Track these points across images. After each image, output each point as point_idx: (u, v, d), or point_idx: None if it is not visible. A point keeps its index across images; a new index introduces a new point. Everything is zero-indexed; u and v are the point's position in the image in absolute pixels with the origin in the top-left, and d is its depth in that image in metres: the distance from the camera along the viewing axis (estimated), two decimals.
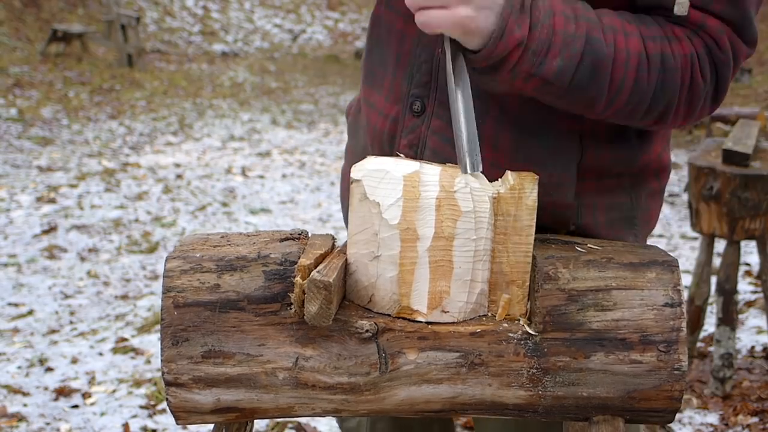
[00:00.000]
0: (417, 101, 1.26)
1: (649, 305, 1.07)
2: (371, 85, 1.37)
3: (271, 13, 18.63)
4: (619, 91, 1.09)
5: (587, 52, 1.06)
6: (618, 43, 1.07)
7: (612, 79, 1.08)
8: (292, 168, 7.59)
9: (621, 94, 1.09)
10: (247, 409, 1.11)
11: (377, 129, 1.32)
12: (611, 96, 1.09)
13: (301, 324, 1.06)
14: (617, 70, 1.07)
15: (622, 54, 1.07)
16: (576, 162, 1.21)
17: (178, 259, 1.11)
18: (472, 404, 1.09)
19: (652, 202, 1.32)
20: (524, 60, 1.04)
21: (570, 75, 1.06)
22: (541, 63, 1.05)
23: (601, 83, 1.08)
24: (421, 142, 1.26)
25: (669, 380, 1.06)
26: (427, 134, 1.25)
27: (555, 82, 1.06)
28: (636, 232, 1.29)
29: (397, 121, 1.29)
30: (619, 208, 1.27)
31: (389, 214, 1.05)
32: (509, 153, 1.20)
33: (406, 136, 1.27)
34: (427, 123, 1.25)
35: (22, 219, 5.73)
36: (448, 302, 1.07)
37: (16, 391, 3.32)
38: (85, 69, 12.51)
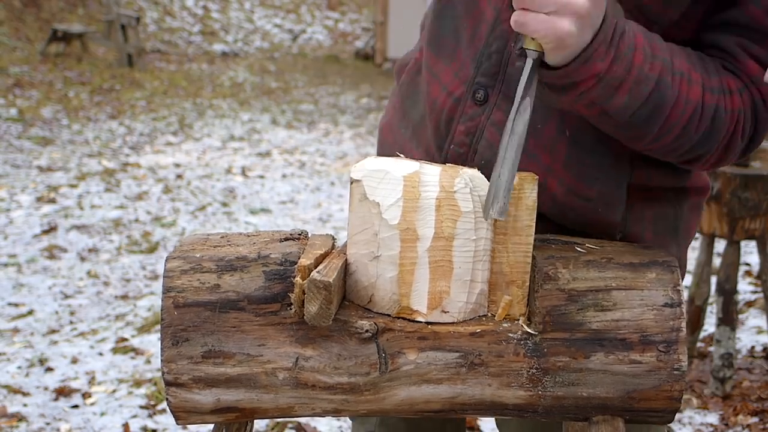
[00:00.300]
0: (481, 90, 1.23)
1: (649, 305, 1.07)
2: (437, 53, 1.31)
3: (271, 13, 18.63)
4: (668, 133, 1.09)
5: (654, 95, 1.05)
6: (681, 90, 1.07)
7: (666, 121, 1.08)
8: (292, 168, 7.59)
9: (668, 136, 1.09)
10: (247, 409, 1.11)
11: (437, 104, 1.28)
12: (659, 135, 1.09)
13: (301, 324, 1.07)
14: (674, 114, 1.08)
15: (682, 100, 1.07)
16: (627, 182, 1.21)
17: (179, 259, 1.11)
18: (472, 404, 1.09)
19: (693, 215, 1.33)
20: (595, 89, 1.03)
21: (631, 112, 1.06)
22: (609, 96, 1.04)
23: (656, 124, 1.08)
24: (479, 131, 1.23)
25: (669, 380, 1.06)
26: (486, 125, 1.23)
27: (615, 116, 1.06)
28: (679, 242, 1.30)
29: (458, 104, 1.25)
30: (665, 218, 1.27)
31: (389, 214, 1.05)
32: (563, 161, 1.20)
33: (465, 122, 1.25)
34: (488, 113, 1.22)
35: (22, 219, 5.73)
36: (447, 302, 1.07)
37: (16, 391, 3.32)
38: (85, 69, 12.51)
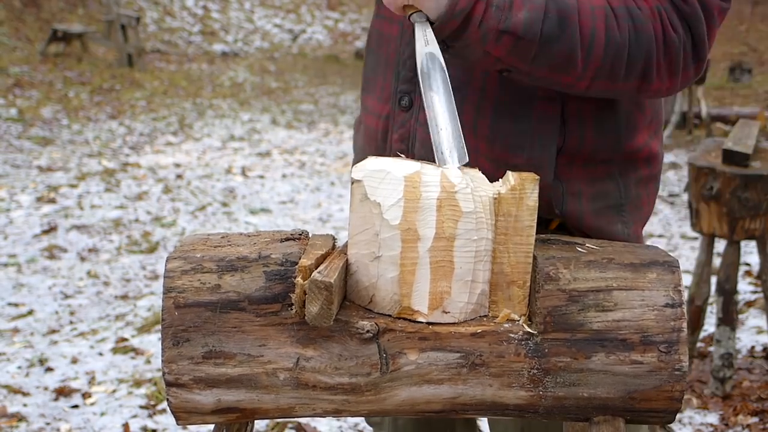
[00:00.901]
0: (405, 96, 1.30)
1: (650, 306, 1.07)
2: (367, 92, 1.42)
3: (271, 13, 18.62)
4: (593, 44, 1.10)
5: (550, 3, 1.08)
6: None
7: (582, 30, 1.09)
8: (292, 168, 7.59)
9: (595, 46, 1.10)
10: (248, 409, 1.10)
11: (372, 129, 1.37)
12: (586, 49, 1.10)
13: (302, 324, 1.06)
14: (585, 20, 1.09)
15: (585, 7, 1.10)
16: (555, 144, 1.22)
17: (179, 259, 1.11)
18: (473, 405, 1.09)
19: (643, 189, 1.32)
20: (489, 15, 1.07)
21: (538, 26, 1.08)
22: (507, 17, 1.07)
23: (572, 35, 1.09)
24: (411, 135, 1.31)
25: (669, 381, 1.06)
26: (416, 127, 1.30)
27: (525, 36, 1.08)
28: (625, 220, 1.29)
29: (389, 119, 1.34)
30: (606, 196, 1.27)
31: (390, 214, 1.05)
32: (488, 138, 1.23)
33: (397, 130, 1.33)
34: (416, 116, 1.29)
35: (22, 219, 5.73)
36: (449, 303, 1.07)
37: (16, 391, 3.32)
38: (85, 69, 12.50)
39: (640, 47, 1.11)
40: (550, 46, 1.09)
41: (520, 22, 1.07)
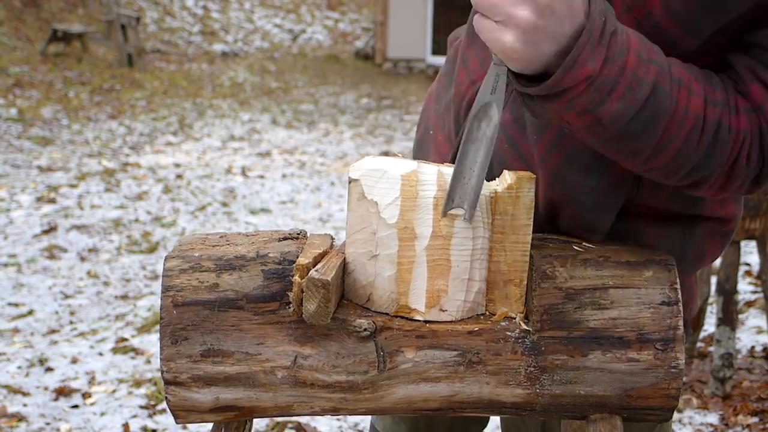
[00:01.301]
0: None
1: (646, 303, 1.07)
2: (471, 38, 1.29)
3: (271, 13, 18.63)
4: (665, 149, 1.00)
5: (651, 102, 0.96)
6: (680, 99, 0.98)
7: (664, 134, 0.99)
8: (292, 168, 7.59)
9: (666, 152, 1.00)
10: (246, 407, 1.11)
11: (461, 90, 1.28)
12: (657, 151, 1.00)
13: (300, 323, 1.07)
14: (672, 127, 0.98)
15: (680, 111, 0.98)
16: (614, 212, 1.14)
17: (177, 258, 1.11)
18: (470, 402, 1.10)
19: (710, 244, 1.23)
20: (586, 95, 0.94)
21: (626, 121, 0.97)
22: (601, 102, 0.94)
23: (651, 139, 0.99)
24: None
25: (666, 378, 1.07)
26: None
27: (608, 125, 0.97)
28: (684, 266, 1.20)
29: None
30: (670, 242, 1.19)
31: (387, 213, 1.05)
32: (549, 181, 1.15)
33: None
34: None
35: (22, 219, 5.74)
36: (446, 301, 1.08)
37: (16, 391, 3.33)
38: (85, 69, 12.51)
39: (709, 165, 1.02)
40: (625, 140, 0.99)
41: (612, 112, 0.96)
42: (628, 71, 0.94)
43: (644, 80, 0.95)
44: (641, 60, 0.95)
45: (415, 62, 15.46)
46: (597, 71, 0.92)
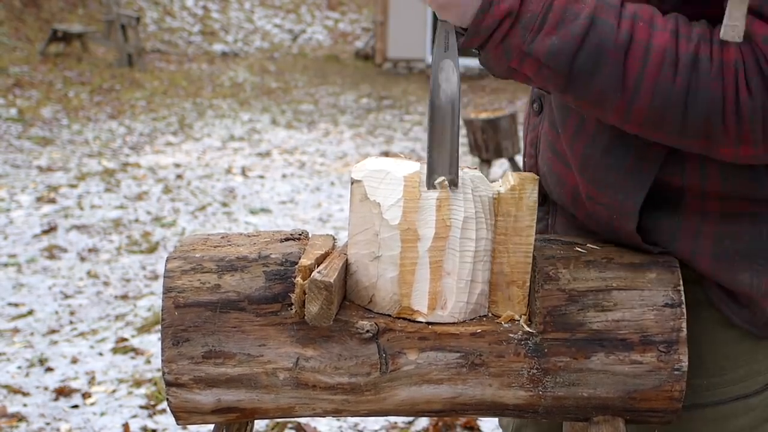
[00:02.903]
0: (536, 100, 1.24)
1: (650, 305, 1.06)
2: None
3: (271, 13, 18.62)
4: (637, 90, 0.96)
5: (591, 36, 0.94)
6: (637, 33, 0.95)
7: (626, 73, 0.95)
8: (292, 168, 7.59)
9: (640, 94, 0.96)
10: (248, 409, 1.11)
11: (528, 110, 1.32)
12: (628, 95, 0.96)
13: (302, 324, 1.06)
14: (632, 62, 0.95)
15: (639, 46, 0.94)
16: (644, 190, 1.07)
17: (179, 259, 1.11)
18: (473, 404, 1.09)
19: None
20: (514, 34, 0.96)
21: (567, 58, 0.95)
22: (532, 40, 0.95)
23: (611, 76, 0.95)
24: (538, 140, 1.24)
25: (669, 380, 1.06)
26: (542, 134, 1.23)
27: (550, 64, 0.96)
28: (758, 269, 1.08)
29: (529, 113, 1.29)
30: (736, 238, 1.08)
31: (390, 214, 1.05)
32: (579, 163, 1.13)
33: (529, 133, 1.28)
34: (544, 123, 1.22)
35: (22, 219, 5.73)
36: (448, 302, 1.07)
37: (16, 391, 3.32)
38: (85, 69, 12.51)
39: (698, 105, 0.95)
40: (582, 80, 0.97)
41: (545, 48, 0.95)
42: (557, 6, 0.95)
43: (580, 15, 0.95)
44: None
45: (415, 62, 15.46)
46: (516, 8, 0.95)
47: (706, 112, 0.95)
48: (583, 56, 0.95)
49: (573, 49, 0.95)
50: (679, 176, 1.08)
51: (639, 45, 0.95)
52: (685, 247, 1.09)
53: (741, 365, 1.13)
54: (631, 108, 0.97)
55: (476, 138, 6.39)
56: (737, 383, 1.13)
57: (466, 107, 11.15)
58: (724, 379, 1.13)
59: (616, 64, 0.95)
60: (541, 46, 0.96)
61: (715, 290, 1.11)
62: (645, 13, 0.97)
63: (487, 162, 6.43)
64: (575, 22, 0.95)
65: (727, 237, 1.08)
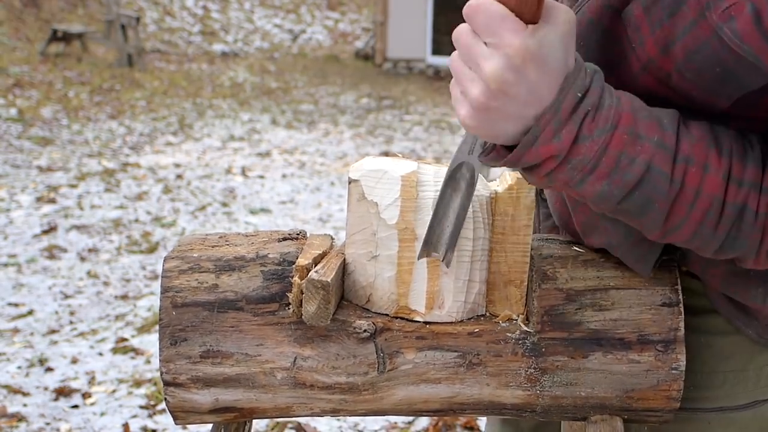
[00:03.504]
0: None
1: (647, 305, 1.06)
2: None
3: (271, 13, 18.62)
4: (677, 230, 0.93)
5: (645, 183, 0.89)
6: (688, 180, 0.90)
7: (670, 217, 0.91)
8: (292, 168, 7.59)
9: (680, 232, 0.93)
10: (246, 408, 1.11)
11: None
12: (666, 231, 0.93)
13: (300, 324, 1.07)
14: (678, 209, 0.91)
15: (689, 193, 0.90)
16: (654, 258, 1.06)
17: (177, 259, 1.11)
18: (470, 404, 1.09)
19: None
20: (562, 171, 0.89)
21: (615, 201, 0.90)
22: (582, 180, 0.89)
23: (655, 219, 0.92)
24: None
25: (667, 380, 1.06)
26: None
27: (596, 204, 0.92)
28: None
29: None
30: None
31: (387, 213, 1.05)
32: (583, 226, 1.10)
33: None
34: None
35: (22, 219, 5.73)
36: (446, 302, 1.07)
37: (16, 391, 3.32)
38: (85, 69, 12.51)
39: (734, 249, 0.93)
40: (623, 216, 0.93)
41: (595, 192, 0.90)
42: (612, 150, 0.88)
43: (636, 160, 0.88)
44: (631, 137, 0.88)
45: (415, 62, 15.46)
46: (565, 150, 0.87)
47: (740, 253, 0.94)
48: (630, 202, 0.91)
49: (621, 195, 0.90)
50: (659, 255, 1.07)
51: (689, 192, 0.90)
52: (696, 262, 1.07)
53: (729, 380, 1.12)
54: (666, 238, 0.95)
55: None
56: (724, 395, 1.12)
57: None
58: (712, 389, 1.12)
59: (662, 211, 0.91)
60: (589, 189, 0.90)
61: (722, 300, 1.09)
62: (699, 154, 0.90)
63: None
64: (630, 169, 0.88)
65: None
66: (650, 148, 0.88)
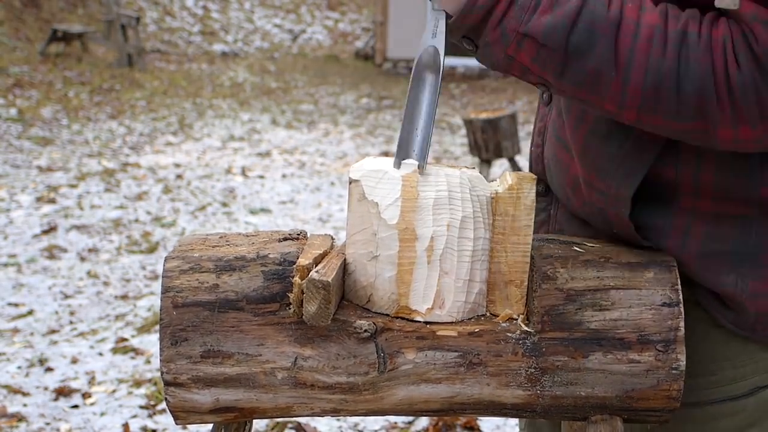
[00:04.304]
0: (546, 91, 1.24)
1: (647, 305, 1.07)
2: None
3: (271, 13, 18.62)
4: (630, 66, 0.97)
5: (584, 13, 0.97)
6: (627, 12, 0.97)
7: (618, 47, 0.97)
8: (292, 168, 7.59)
9: (633, 69, 0.97)
10: (246, 408, 1.11)
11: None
12: (621, 72, 0.97)
13: (300, 324, 1.07)
14: (623, 38, 0.97)
15: (630, 23, 0.97)
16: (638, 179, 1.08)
17: (177, 259, 1.11)
18: (471, 404, 1.10)
19: None
20: (511, 15, 0.98)
21: (563, 34, 0.97)
22: (529, 20, 0.98)
23: (605, 52, 0.97)
24: (546, 129, 1.27)
25: (667, 380, 1.06)
26: (549, 122, 1.25)
27: (548, 43, 0.98)
28: (743, 272, 1.08)
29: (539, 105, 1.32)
30: (724, 240, 1.08)
31: (388, 213, 1.05)
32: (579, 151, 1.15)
33: (538, 123, 1.30)
34: (552, 112, 1.25)
35: (22, 219, 5.74)
36: (446, 302, 1.07)
37: (16, 391, 3.32)
38: (85, 69, 12.51)
39: (690, 79, 0.95)
40: (578, 59, 0.98)
41: (542, 26, 0.98)
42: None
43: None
44: None
45: None
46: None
47: (699, 86, 0.96)
48: (577, 33, 0.97)
49: (568, 26, 0.97)
50: (674, 168, 1.08)
51: (629, 22, 0.97)
52: (674, 245, 1.10)
53: (728, 367, 1.12)
54: (626, 88, 0.98)
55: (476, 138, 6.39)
56: (724, 385, 1.13)
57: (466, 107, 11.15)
58: (710, 380, 1.13)
59: (608, 40, 0.97)
60: (537, 24, 0.98)
61: (701, 290, 1.11)
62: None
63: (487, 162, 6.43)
64: (568, 2, 0.98)
65: (715, 238, 1.08)
66: None
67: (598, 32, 0.97)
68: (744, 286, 1.08)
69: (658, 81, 0.97)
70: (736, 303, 1.09)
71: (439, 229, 1.05)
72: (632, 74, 0.97)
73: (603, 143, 1.11)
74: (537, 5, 0.98)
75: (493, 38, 1.00)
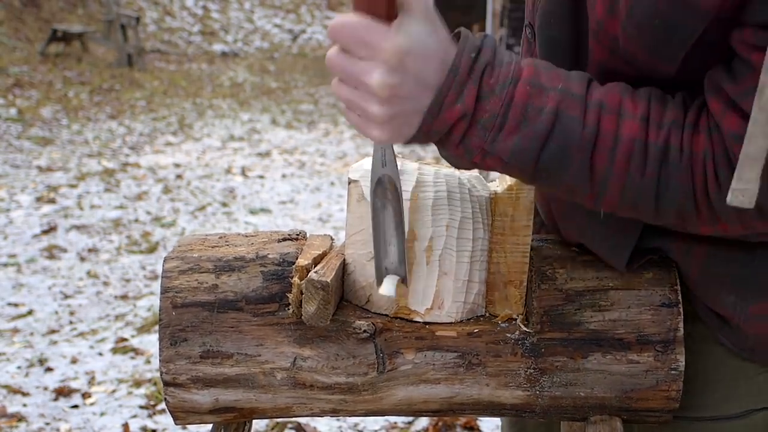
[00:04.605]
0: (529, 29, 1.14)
1: (646, 305, 1.07)
2: None
3: (271, 13, 18.62)
4: (605, 185, 0.91)
5: (556, 132, 0.88)
6: (604, 125, 0.89)
7: (593, 169, 0.90)
8: (292, 168, 7.59)
9: (608, 188, 0.91)
10: (246, 409, 1.11)
11: None
12: (596, 189, 0.92)
13: (299, 324, 1.07)
14: (599, 157, 0.89)
15: (607, 138, 0.89)
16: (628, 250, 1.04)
17: (177, 259, 1.11)
18: (470, 404, 1.10)
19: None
20: (473, 134, 0.88)
21: (532, 157, 0.89)
22: (493, 140, 0.88)
23: (578, 173, 0.90)
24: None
25: (666, 380, 1.06)
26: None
27: (514, 164, 0.90)
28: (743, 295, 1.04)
29: None
30: (727, 263, 1.03)
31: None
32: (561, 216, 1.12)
33: None
34: None
35: (22, 219, 5.73)
36: (445, 302, 1.07)
37: (16, 391, 3.32)
38: (85, 69, 12.51)
39: (669, 199, 0.90)
40: (548, 177, 0.92)
41: (507, 149, 0.88)
42: (517, 101, 0.87)
43: (543, 110, 0.88)
44: (535, 89, 0.88)
45: None
46: (471, 109, 0.87)
47: (678, 202, 0.91)
48: (547, 155, 0.89)
49: (537, 148, 0.89)
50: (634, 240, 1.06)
51: (606, 136, 0.89)
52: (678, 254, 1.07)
53: (722, 386, 1.11)
54: (602, 200, 0.93)
55: None
56: (718, 403, 1.11)
57: None
58: (703, 395, 1.11)
59: (583, 159, 0.90)
60: (503, 146, 0.89)
61: (702, 306, 1.09)
62: (612, 100, 0.90)
63: None
64: (538, 119, 0.88)
65: (716, 260, 1.05)
66: (556, 96, 0.88)
67: (570, 155, 0.89)
68: (744, 308, 1.05)
69: (635, 197, 0.92)
70: (735, 324, 1.06)
71: (438, 230, 1.05)
72: (608, 190, 0.92)
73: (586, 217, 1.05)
74: (503, 124, 0.88)
75: (456, 153, 0.92)
